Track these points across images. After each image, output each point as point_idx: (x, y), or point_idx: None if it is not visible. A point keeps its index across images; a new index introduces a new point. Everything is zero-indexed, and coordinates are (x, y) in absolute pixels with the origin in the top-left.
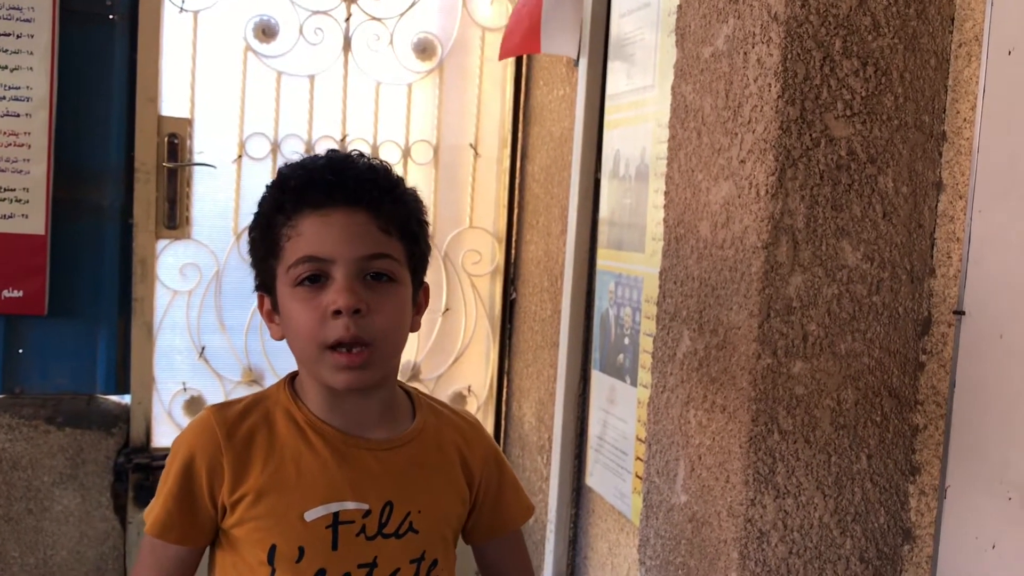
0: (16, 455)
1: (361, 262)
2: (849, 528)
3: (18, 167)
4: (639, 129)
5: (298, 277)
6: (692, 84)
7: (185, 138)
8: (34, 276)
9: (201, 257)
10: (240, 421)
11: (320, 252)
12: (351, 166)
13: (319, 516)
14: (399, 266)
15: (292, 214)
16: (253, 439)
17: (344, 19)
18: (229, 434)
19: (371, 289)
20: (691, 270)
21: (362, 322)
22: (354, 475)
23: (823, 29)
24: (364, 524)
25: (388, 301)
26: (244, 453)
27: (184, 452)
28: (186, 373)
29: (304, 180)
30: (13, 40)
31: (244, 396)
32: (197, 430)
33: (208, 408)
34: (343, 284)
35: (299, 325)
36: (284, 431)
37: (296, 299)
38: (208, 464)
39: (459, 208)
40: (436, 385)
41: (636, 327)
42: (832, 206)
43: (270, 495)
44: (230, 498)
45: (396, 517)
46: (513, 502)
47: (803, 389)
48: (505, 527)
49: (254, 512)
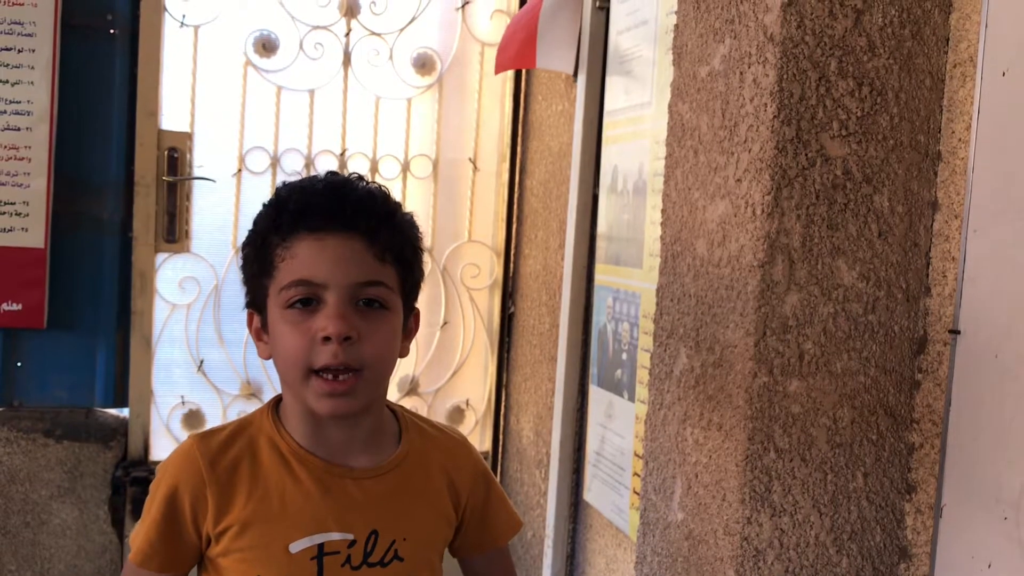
0: (14, 468)
1: (354, 288)
2: (845, 546)
3: (18, 180)
4: (637, 145)
5: (290, 299)
6: (689, 103)
7: (185, 152)
8: (33, 289)
9: (200, 271)
10: (224, 451)
11: (313, 276)
12: (350, 191)
13: (304, 548)
14: (391, 293)
15: (288, 235)
16: (237, 469)
17: (344, 34)
18: (212, 464)
19: (362, 316)
20: (688, 288)
21: (351, 349)
22: (338, 505)
23: (819, 50)
24: (349, 554)
25: (379, 329)
26: (228, 484)
27: (168, 482)
28: (184, 387)
29: (302, 203)
30: (15, 54)
31: (227, 423)
32: (180, 461)
33: (191, 437)
34: (335, 310)
35: (287, 348)
36: (268, 461)
37: (286, 321)
38: (191, 495)
39: (458, 222)
40: (434, 398)
41: (634, 342)
42: (828, 225)
43: (255, 527)
44: (215, 529)
45: (381, 546)
46: (501, 518)
47: (799, 407)
48: (493, 542)
49: (239, 543)
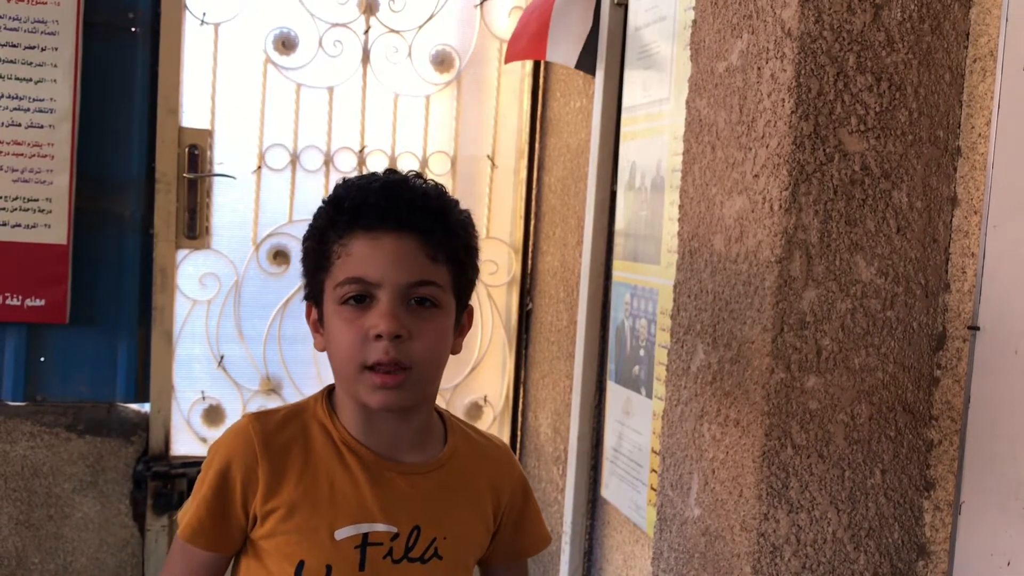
0: (37, 462)
1: (406, 288)
2: (863, 543)
3: (41, 177)
4: (655, 141)
5: (344, 296)
6: (706, 99)
7: (205, 149)
8: (56, 285)
9: (220, 267)
10: (278, 432)
11: (367, 275)
12: (405, 190)
13: (349, 536)
14: (444, 292)
15: (344, 233)
16: (289, 451)
17: (363, 32)
18: (266, 444)
19: (414, 314)
20: (705, 284)
21: (402, 347)
22: (385, 497)
23: (837, 45)
24: (392, 547)
25: (429, 327)
26: (280, 465)
27: (221, 459)
28: (205, 382)
29: (358, 201)
30: (38, 53)
31: (282, 406)
32: (235, 438)
33: (247, 416)
34: (386, 308)
35: (341, 343)
36: (320, 447)
37: (340, 317)
38: (244, 472)
39: (476, 219)
40: (452, 395)
41: (651, 339)
42: (846, 221)
43: (302, 510)
44: (263, 508)
45: (423, 542)
46: (533, 532)
47: (817, 404)
48: (519, 555)
49: (285, 526)
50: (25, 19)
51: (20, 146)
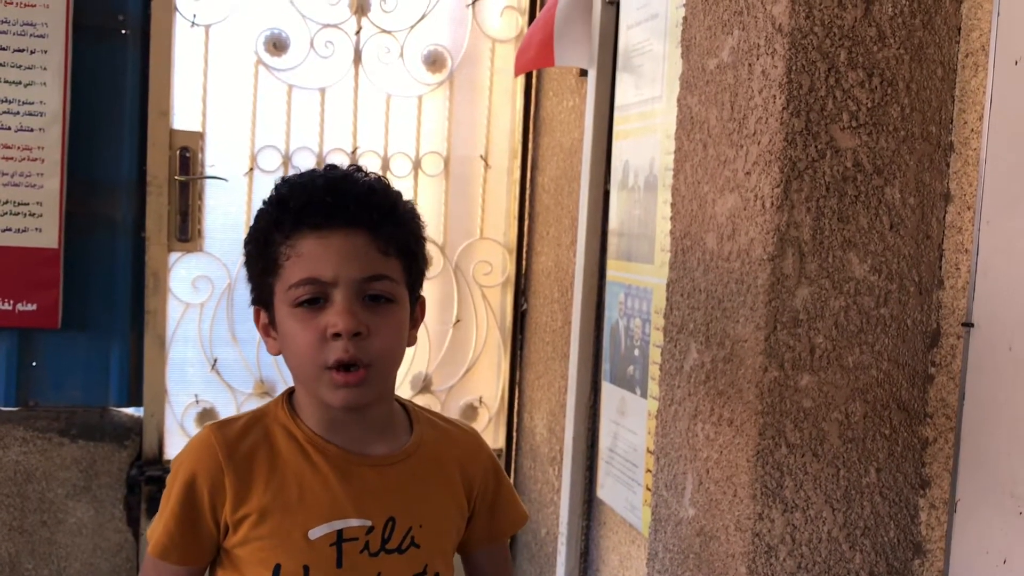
0: (30, 467)
1: (360, 284)
2: (859, 542)
3: (32, 181)
4: (648, 140)
5: (298, 298)
6: (698, 96)
7: (197, 151)
8: (48, 289)
9: (213, 270)
10: (240, 439)
11: (320, 274)
12: (350, 186)
13: (323, 534)
14: (397, 286)
15: (291, 233)
16: (254, 457)
17: (354, 32)
18: (230, 453)
19: (370, 310)
20: (698, 282)
21: (361, 344)
22: (356, 492)
23: (828, 40)
24: (368, 540)
25: (387, 322)
26: (246, 472)
27: (185, 472)
28: (198, 385)
29: (303, 200)
30: (27, 56)
31: (242, 414)
32: (197, 449)
33: (207, 427)
34: (343, 306)
35: (298, 345)
36: (285, 449)
37: (295, 319)
38: (210, 483)
39: (470, 219)
40: (447, 396)
41: (646, 338)
42: (839, 218)
43: (274, 514)
44: (233, 516)
45: (399, 532)
46: (509, 511)
47: (811, 402)
48: (498, 536)
49: (258, 532)
50: (14, 22)
51: (10, 149)
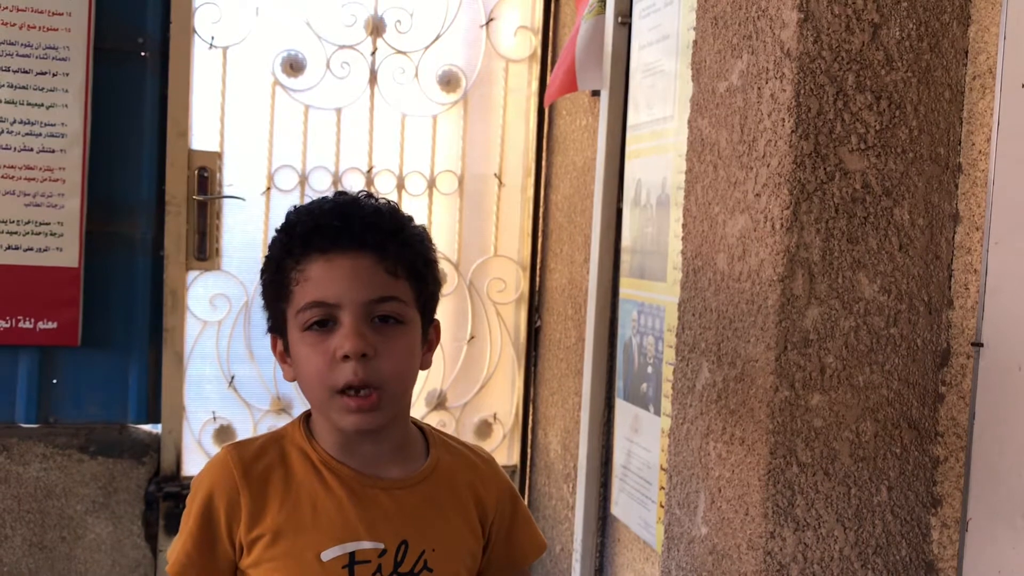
0: (50, 484)
1: (368, 305)
2: (870, 561)
3: (53, 201)
4: (659, 159)
5: (306, 322)
6: (708, 118)
7: (215, 171)
8: (68, 308)
9: (230, 288)
10: (256, 460)
11: (327, 297)
12: (357, 209)
13: (335, 556)
14: (407, 307)
15: (300, 258)
16: (269, 478)
17: (370, 53)
18: (246, 473)
19: (379, 332)
20: (709, 302)
21: (370, 366)
22: (369, 514)
23: (836, 64)
24: (380, 564)
25: (396, 344)
26: (261, 492)
27: (203, 492)
28: (216, 402)
29: (311, 225)
30: (49, 78)
31: (260, 435)
32: (214, 469)
33: (225, 447)
34: (350, 329)
35: (309, 369)
36: (300, 471)
37: (305, 343)
38: (227, 503)
39: (484, 237)
40: (462, 413)
41: (659, 356)
42: (848, 239)
43: (287, 535)
44: (247, 537)
45: (411, 556)
46: (525, 539)
47: (821, 421)
48: (516, 564)
49: (271, 553)
50: (36, 45)
51: (32, 170)
